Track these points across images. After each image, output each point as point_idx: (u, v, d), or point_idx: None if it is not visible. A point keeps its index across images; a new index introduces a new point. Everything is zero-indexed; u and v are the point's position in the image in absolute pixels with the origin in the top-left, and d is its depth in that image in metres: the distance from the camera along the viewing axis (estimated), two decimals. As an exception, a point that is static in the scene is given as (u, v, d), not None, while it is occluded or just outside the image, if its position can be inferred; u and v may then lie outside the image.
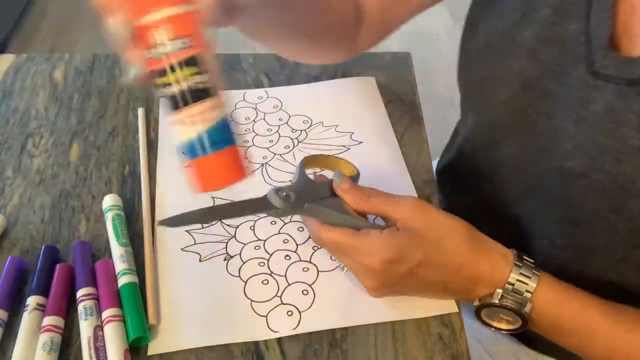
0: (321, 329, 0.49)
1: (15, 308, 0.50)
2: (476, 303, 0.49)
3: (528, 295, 0.46)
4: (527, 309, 0.46)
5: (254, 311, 0.50)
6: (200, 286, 0.51)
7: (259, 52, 0.75)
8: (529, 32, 0.49)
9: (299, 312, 0.50)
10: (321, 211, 0.48)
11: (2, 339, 0.48)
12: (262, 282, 0.52)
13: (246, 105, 0.68)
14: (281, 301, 0.50)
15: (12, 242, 0.55)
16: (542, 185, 0.52)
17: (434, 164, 0.81)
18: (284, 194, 0.47)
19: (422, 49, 1.93)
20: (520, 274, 0.47)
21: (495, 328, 0.50)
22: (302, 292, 0.51)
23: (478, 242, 0.48)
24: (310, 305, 0.50)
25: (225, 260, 0.53)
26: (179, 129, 0.35)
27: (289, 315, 0.49)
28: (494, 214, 0.59)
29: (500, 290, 0.47)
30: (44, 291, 0.49)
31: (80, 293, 0.49)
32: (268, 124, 0.66)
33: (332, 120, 0.66)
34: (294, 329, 0.49)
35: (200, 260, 0.53)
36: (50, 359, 0.45)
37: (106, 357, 0.45)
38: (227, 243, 0.54)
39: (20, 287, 0.51)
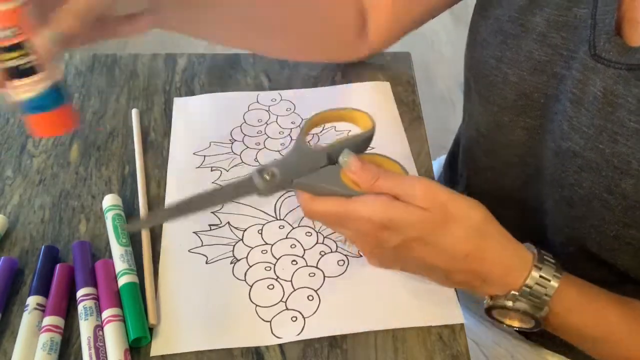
0: (325, 336, 0.48)
1: (11, 308, 0.50)
2: (488, 302, 0.47)
3: (546, 299, 0.44)
4: (543, 313, 0.45)
5: (258, 316, 0.49)
6: (205, 289, 0.51)
7: (259, 52, 0.75)
8: (540, 17, 0.50)
9: (304, 317, 0.49)
10: (312, 186, 0.45)
11: (2, 339, 0.48)
12: (268, 286, 0.51)
13: (259, 107, 0.68)
14: (286, 306, 0.50)
15: (12, 242, 0.55)
16: (545, 166, 0.53)
17: (434, 164, 0.81)
18: (270, 171, 0.45)
19: (422, 49, 1.93)
20: (541, 276, 0.44)
21: (508, 325, 0.48)
22: (308, 297, 0.51)
23: (491, 236, 0.45)
24: (315, 311, 0.50)
25: (231, 263, 0.53)
26: (15, 94, 0.46)
27: (293, 321, 0.49)
28: (500, 199, 0.60)
29: (515, 292, 0.45)
30: (44, 291, 0.49)
31: (80, 293, 0.49)
32: (280, 126, 0.66)
33: (345, 125, 0.65)
34: (298, 334, 0.48)
35: (206, 263, 0.53)
36: (50, 359, 0.45)
37: (106, 357, 0.45)
38: (234, 246, 0.54)
39: (17, 287, 0.51)
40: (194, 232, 0.55)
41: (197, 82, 0.71)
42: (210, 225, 0.56)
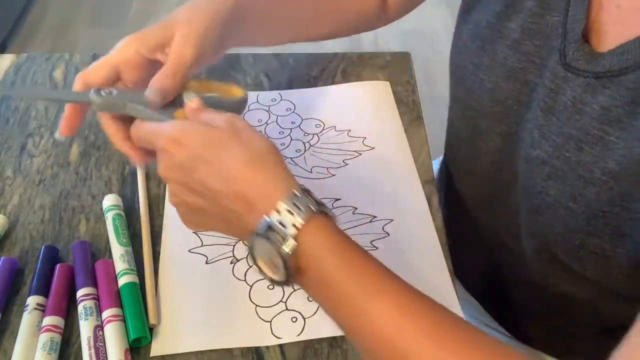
0: (325, 337, 0.48)
1: (11, 308, 0.50)
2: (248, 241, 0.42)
3: (292, 230, 0.39)
4: (288, 247, 0.39)
5: (259, 316, 0.49)
6: (205, 289, 0.51)
7: (259, 52, 0.75)
8: (515, 24, 0.50)
9: (303, 318, 0.49)
10: (142, 112, 0.47)
11: (2, 339, 0.48)
12: (268, 287, 0.51)
13: (259, 107, 0.68)
14: (286, 307, 0.50)
15: (12, 242, 0.55)
16: (518, 175, 0.53)
17: (434, 163, 0.81)
18: (109, 90, 0.49)
19: (422, 49, 1.93)
20: (294, 204, 0.40)
21: (265, 276, 0.42)
22: (307, 298, 0.51)
23: (263, 163, 0.42)
24: (315, 312, 0.50)
25: (231, 263, 0.53)
26: None
27: (293, 322, 0.49)
28: (484, 205, 0.60)
29: (266, 218, 0.40)
30: (44, 291, 0.49)
31: (80, 293, 0.49)
32: (280, 126, 0.66)
33: (345, 125, 0.65)
34: (298, 335, 0.48)
35: (206, 263, 0.53)
36: (50, 359, 0.45)
37: (106, 357, 0.45)
38: (234, 246, 0.54)
39: (17, 287, 0.51)
40: (194, 232, 0.55)
41: (197, 82, 0.71)
42: None
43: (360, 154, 0.62)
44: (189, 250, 0.54)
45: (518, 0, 0.50)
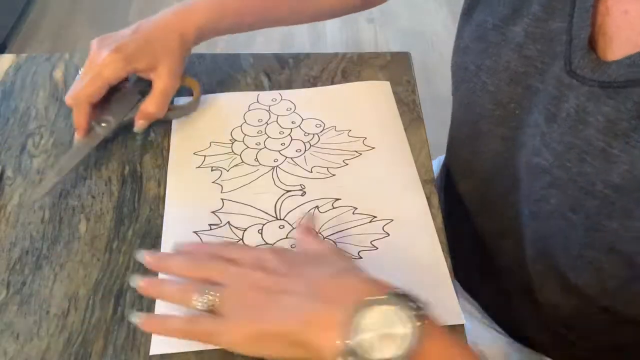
0: None
1: (11, 308, 0.50)
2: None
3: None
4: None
5: None
6: None
7: (259, 52, 0.75)
8: (519, 27, 0.50)
9: None
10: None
11: (2, 339, 0.48)
12: None
13: (260, 107, 0.68)
14: None
15: (12, 242, 0.55)
16: (520, 180, 0.53)
17: (434, 163, 0.81)
18: (105, 120, 0.61)
19: (422, 49, 1.93)
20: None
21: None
22: None
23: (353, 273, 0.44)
24: None
25: None
26: None
27: None
28: (484, 208, 0.60)
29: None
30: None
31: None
32: (281, 126, 0.65)
33: (345, 125, 0.65)
34: None
35: None
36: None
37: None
38: None
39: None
40: (194, 232, 0.55)
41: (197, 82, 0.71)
42: (210, 225, 0.55)
43: (361, 154, 0.62)
44: None
45: (525, 5, 0.49)
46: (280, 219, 0.56)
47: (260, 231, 0.55)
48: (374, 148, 0.63)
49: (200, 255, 0.47)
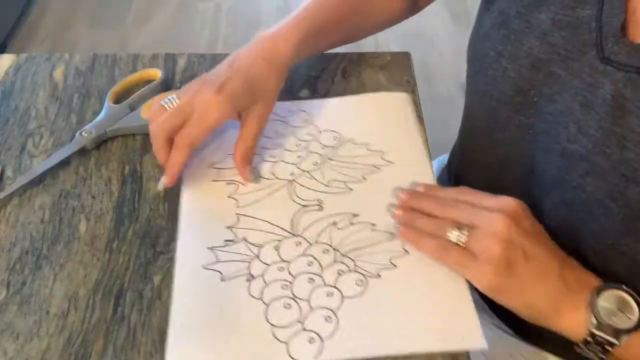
0: (343, 358, 0.47)
1: (11, 308, 0.50)
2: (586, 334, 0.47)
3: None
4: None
5: (275, 336, 0.48)
6: (220, 306, 0.49)
7: (259, 52, 0.74)
8: (544, 15, 0.50)
9: (321, 339, 0.47)
10: (123, 129, 0.63)
11: (1, 339, 0.48)
12: (284, 305, 0.50)
13: (276, 118, 0.65)
14: (303, 327, 0.48)
15: (12, 242, 0.55)
16: (542, 168, 0.53)
17: (434, 163, 0.81)
18: (87, 130, 0.62)
19: (422, 49, 1.93)
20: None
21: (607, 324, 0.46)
22: (325, 318, 0.49)
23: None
24: (333, 333, 0.48)
25: (247, 281, 0.51)
26: None
27: (310, 343, 0.47)
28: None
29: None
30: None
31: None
32: (297, 139, 0.64)
33: (363, 138, 0.63)
34: (315, 357, 0.47)
35: (222, 280, 0.51)
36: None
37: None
38: (249, 263, 0.53)
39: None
40: (208, 248, 0.54)
41: (197, 82, 0.71)
42: (225, 240, 0.54)
43: (379, 169, 0.60)
44: (203, 267, 0.52)
45: None
46: (297, 235, 0.55)
47: (276, 248, 0.54)
48: (392, 163, 0.61)
49: (447, 200, 0.52)
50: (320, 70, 0.72)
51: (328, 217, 0.56)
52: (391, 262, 0.52)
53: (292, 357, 0.47)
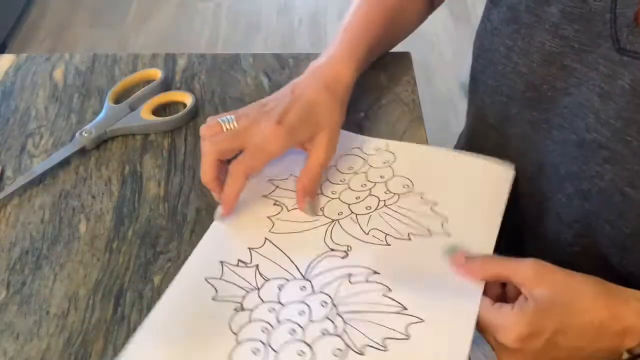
0: None
1: (11, 308, 0.50)
2: (625, 357, 0.46)
3: None
4: None
5: None
6: (196, 325, 0.47)
7: (259, 52, 0.75)
8: (555, 8, 0.50)
9: None
10: (125, 128, 0.64)
11: (1, 339, 0.48)
12: (253, 350, 0.45)
13: (359, 153, 0.60)
14: None
15: (12, 242, 0.55)
16: (554, 162, 0.53)
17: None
18: (87, 130, 0.62)
19: (422, 49, 1.93)
20: None
21: None
22: None
23: (613, 295, 0.44)
24: None
25: (235, 310, 0.48)
26: None
27: None
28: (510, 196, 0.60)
29: None
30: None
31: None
32: (368, 179, 0.58)
33: (434, 196, 0.55)
34: None
35: (213, 298, 0.49)
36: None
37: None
38: (247, 293, 0.49)
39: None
40: (220, 261, 0.51)
41: (197, 82, 0.71)
42: (239, 260, 0.51)
43: (431, 235, 0.52)
44: (205, 278, 0.50)
45: None
46: (306, 279, 0.50)
47: (280, 287, 0.49)
48: (449, 235, 0.52)
49: None
50: (320, 70, 0.72)
51: (347, 267, 0.50)
52: (382, 343, 0.45)
53: None
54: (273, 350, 0.45)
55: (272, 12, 2.20)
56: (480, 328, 0.45)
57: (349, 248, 0.51)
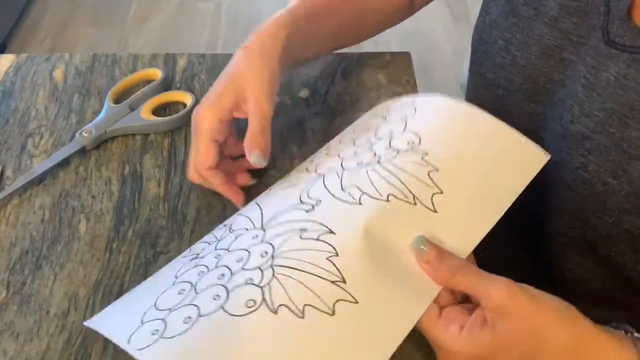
0: None
1: (11, 308, 0.50)
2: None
3: None
4: None
5: (157, 308, 0.42)
6: (154, 279, 0.48)
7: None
8: (553, 2, 0.51)
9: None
10: (124, 129, 0.64)
11: (1, 339, 0.48)
12: (179, 291, 0.43)
13: (384, 113, 0.55)
14: (165, 324, 0.41)
15: (12, 242, 0.55)
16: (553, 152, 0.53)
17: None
18: (87, 130, 0.62)
19: (422, 49, 1.93)
20: None
21: None
22: (184, 320, 0.40)
23: (583, 350, 0.40)
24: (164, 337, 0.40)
25: (190, 260, 0.47)
26: None
27: (153, 335, 0.40)
28: None
29: None
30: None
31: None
32: (376, 136, 0.51)
33: (437, 161, 0.45)
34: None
35: (183, 255, 0.49)
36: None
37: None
38: (209, 245, 0.48)
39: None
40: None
41: (197, 82, 0.71)
42: (222, 224, 0.51)
43: (415, 204, 0.44)
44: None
45: None
46: (262, 229, 0.46)
47: (237, 236, 0.47)
48: (435, 211, 0.44)
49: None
50: (320, 70, 0.72)
51: (304, 221, 0.44)
52: (299, 309, 0.39)
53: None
54: (195, 291, 0.42)
55: (272, 12, 2.19)
56: (421, 331, 0.41)
57: (318, 203, 0.45)
